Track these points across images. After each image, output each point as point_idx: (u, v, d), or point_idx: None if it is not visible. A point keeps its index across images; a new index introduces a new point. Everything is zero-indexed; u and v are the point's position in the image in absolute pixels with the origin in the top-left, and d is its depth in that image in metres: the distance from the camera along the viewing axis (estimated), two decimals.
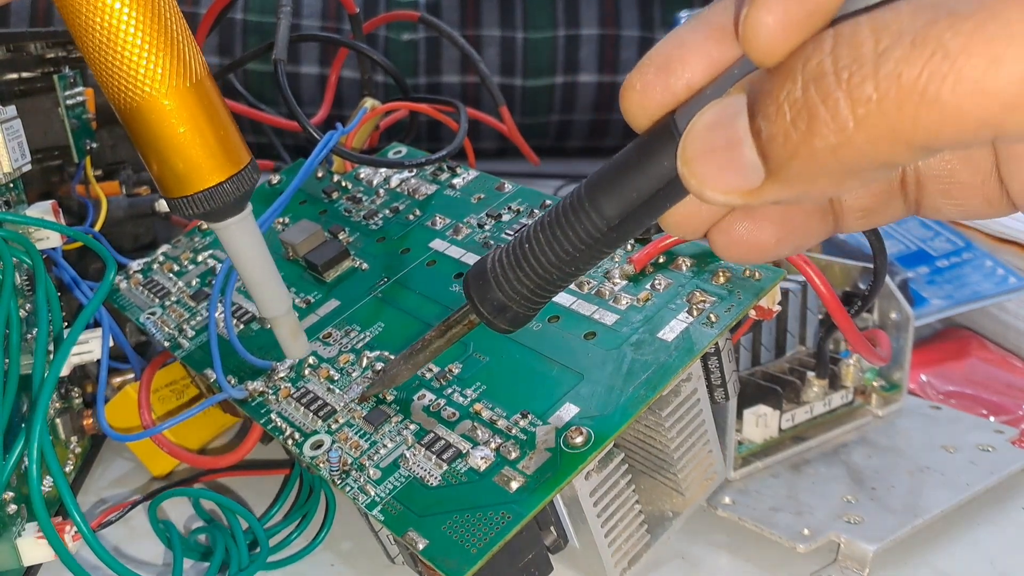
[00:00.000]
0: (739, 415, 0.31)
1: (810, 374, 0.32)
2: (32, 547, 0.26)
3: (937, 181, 0.17)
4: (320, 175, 0.40)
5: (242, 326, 0.33)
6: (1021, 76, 0.11)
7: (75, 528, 0.25)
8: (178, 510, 0.32)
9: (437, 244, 0.33)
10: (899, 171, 0.18)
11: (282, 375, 0.29)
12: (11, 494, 0.26)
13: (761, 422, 0.31)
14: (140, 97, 0.21)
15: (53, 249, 0.30)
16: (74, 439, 0.33)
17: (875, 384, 0.35)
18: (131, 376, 0.36)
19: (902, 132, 0.12)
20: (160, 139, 0.21)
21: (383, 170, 0.38)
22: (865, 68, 0.12)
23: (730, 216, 0.18)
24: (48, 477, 0.28)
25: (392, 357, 0.28)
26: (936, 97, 0.12)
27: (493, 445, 0.24)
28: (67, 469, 0.32)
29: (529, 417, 0.25)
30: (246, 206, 0.23)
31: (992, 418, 0.36)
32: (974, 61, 0.12)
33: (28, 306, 0.29)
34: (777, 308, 0.26)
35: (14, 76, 0.35)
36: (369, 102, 0.41)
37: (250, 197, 0.23)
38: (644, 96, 0.16)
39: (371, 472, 0.25)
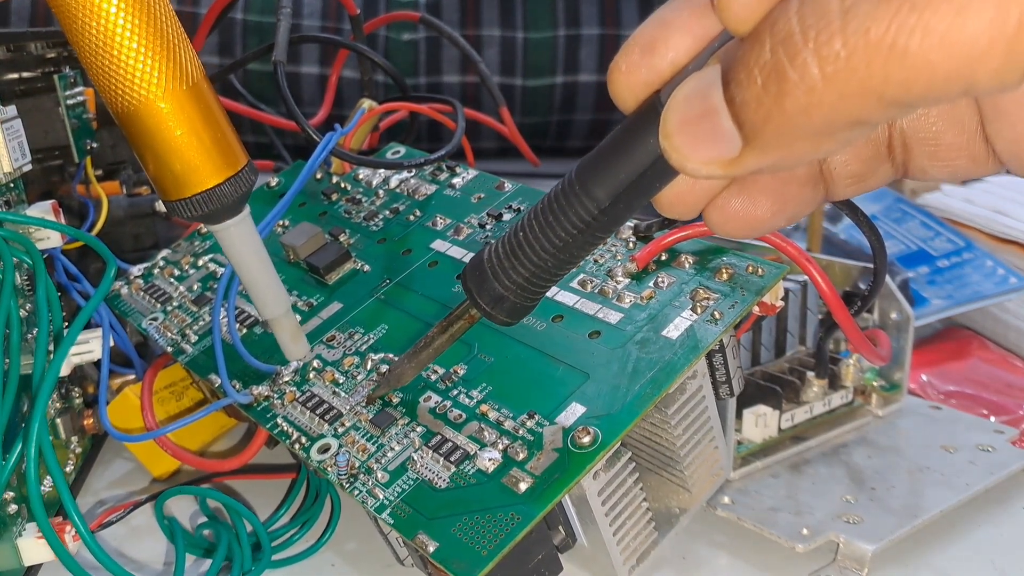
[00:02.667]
0: (739, 415, 0.31)
1: (810, 374, 0.33)
2: (33, 547, 0.26)
3: (923, 143, 0.17)
4: (319, 177, 0.40)
5: (245, 330, 0.33)
6: (987, 26, 0.11)
7: (74, 529, 0.25)
8: (183, 510, 0.32)
9: (438, 244, 0.33)
10: (884, 134, 0.18)
11: (287, 379, 0.29)
12: (11, 494, 0.26)
13: (761, 422, 0.32)
14: (137, 100, 0.21)
15: (54, 249, 0.30)
16: (74, 439, 0.33)
17: (875, 384, 0.35)
18: (131, 378, 0.36)
19: (872, 88, 0.12)
20: (157, 142, 0.21)
21: (382, 171, 0.38)
22: (832, 25, 0.12)
23: (724, 192, 0.18)
24: (48, 477, 0.28)
25: (397, 359, 0.28)
26: (905, 51, 0.12)
27: (501, 446, 0.24)
28: (67, 469, 0.32)
29: (536, 417, 0.25)
30: (244, 208, 0.23)
31: (992, 418, 0.37)
32: (940, 13, 0.12)
33: (28, 306, 0.28)
34: (780, 304, 0.26)
35: (15, 76, 0.35)
36: (367, 103, 0.41)
37: (248, 199, 0.23)
38: (630, 76, 0.17)
39: (379, 475, 0.25)
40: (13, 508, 0.26)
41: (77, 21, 0.20)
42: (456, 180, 0.36)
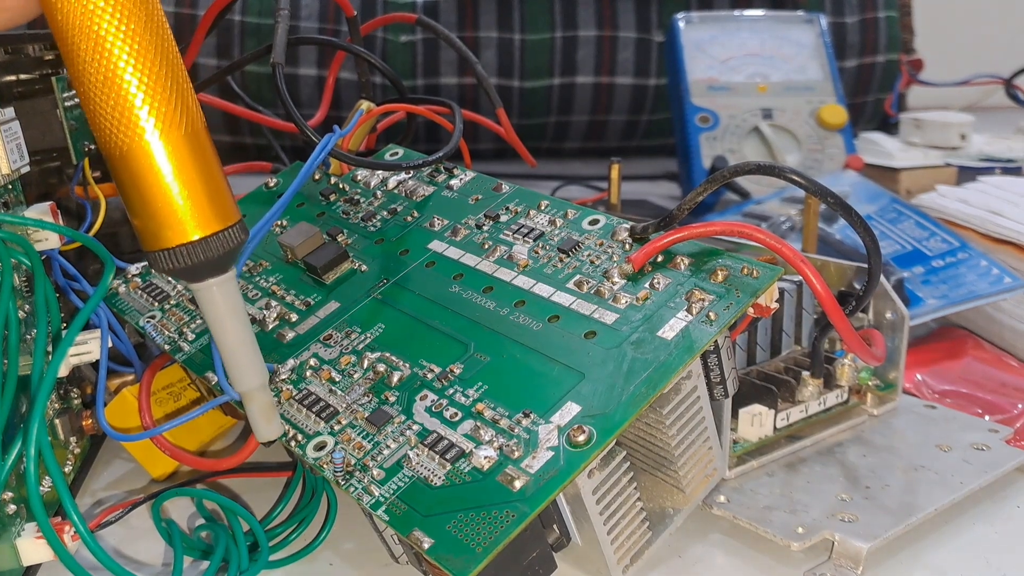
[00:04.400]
0: (734, 414, 0.32)
1: (805, 373, 0.33)
2: (31, 547, 0.26)
3: None
4: (317, 177, 0.40)
5: None
6: None
7: (74, 528, 0.25)
8: (180, 510, 0.32)
9: (436, 245, 0.33)
10: None
11: (283, 377, 0.29)
12: (10, 494, 0.26)
13: (756, 421, 0.32)
14: (132, 141, 0.20)
15: (52, 250, 0.30)
16: (73, 440, 0.33)
17: (870, 383, 0.35)
18: (129, 379, 0.36)
19: None
20: (146, 186, 0.21)
21: (380, 172, 0.38)
22: None
23: None
24: (47, 477, 0.28)
25: (393, 358, 0.29)
26: None
27: (496, 444, 0.24)
28: (66, 470, 0.32)
29: (531, 416, 0.25)
30: (231, 268, 0.23)
31: (987, 417, 0.37)
32: None
33: (27, 307, 0.29)
34: (775, 306, 0.27)
35: (12, 78, 0.35)
36: (365, 104, 0.41)
37: (235, 259, 0.23)
38: None
39: (375, 472, 0.25)
40: (12, 508, 0.26)
41: (82, 57, 0.20)
42: (454, 181, 0.36)
